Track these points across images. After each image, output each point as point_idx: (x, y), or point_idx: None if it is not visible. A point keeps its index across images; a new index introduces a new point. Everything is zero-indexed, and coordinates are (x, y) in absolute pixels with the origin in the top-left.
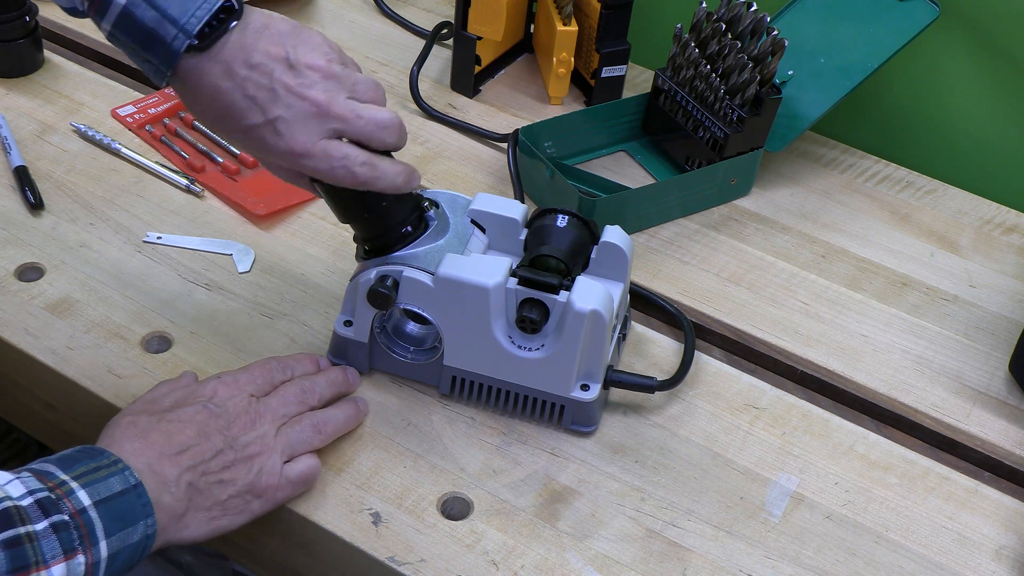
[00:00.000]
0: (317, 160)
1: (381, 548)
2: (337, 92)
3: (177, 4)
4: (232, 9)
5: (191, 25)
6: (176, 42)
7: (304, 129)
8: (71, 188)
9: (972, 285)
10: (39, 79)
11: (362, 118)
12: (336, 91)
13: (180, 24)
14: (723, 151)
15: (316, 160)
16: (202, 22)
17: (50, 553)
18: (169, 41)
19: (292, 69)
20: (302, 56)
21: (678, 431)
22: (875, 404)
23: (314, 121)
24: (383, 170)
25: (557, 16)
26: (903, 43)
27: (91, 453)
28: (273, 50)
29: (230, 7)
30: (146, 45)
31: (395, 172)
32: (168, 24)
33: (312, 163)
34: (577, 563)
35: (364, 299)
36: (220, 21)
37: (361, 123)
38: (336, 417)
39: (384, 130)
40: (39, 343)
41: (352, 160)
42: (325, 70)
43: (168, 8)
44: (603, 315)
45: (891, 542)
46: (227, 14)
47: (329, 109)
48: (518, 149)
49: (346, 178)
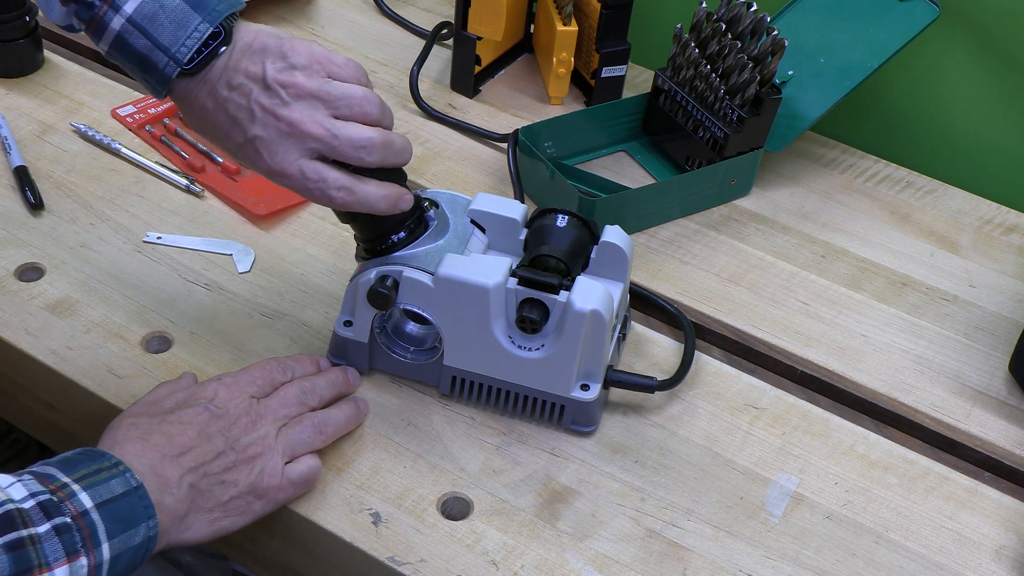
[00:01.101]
0: (295, 181)
1: (381, 548)
2: (314, 110)
3: (168, 33)
4: (219, 34)
5: (181, 54)
6: (168, 69)
7: (282, 148)
8: (71, 188)
9: (972, 285)
10: (39, 79)
11: (337, 138)
12: (313, 109)
13: (171, 53)
14: (723, 151)
15: (294, 180)
16: (191, 51)
17: (53, 555)
18: (161, 68)
19: (268, 89)
20: (278, 74)
21: (678, 431)
22: (875, 404)
23: (288, 141)
24: (363, 194)
25: (557, 16)
26: (903, 43)
27: (92, 455)
28: (252, 69)
29: (217, 33)
30: (142, 67)
31: (377, 196)
32: (159, 52)
33: (290, 183)
34: (577, 563)
35: (364, 299)
36: (208, 47)
37: (336, 143)
38: (336, 417)
39: (361, 150)
40: (39, 343)
41: (328, 184)
42: (301, 88)
43: (159, 38)
44: (603, 315)
45: (891, 542)
46: (215, 39)
47: (301, 128)
48: (518, 149)
49: (323, 200)
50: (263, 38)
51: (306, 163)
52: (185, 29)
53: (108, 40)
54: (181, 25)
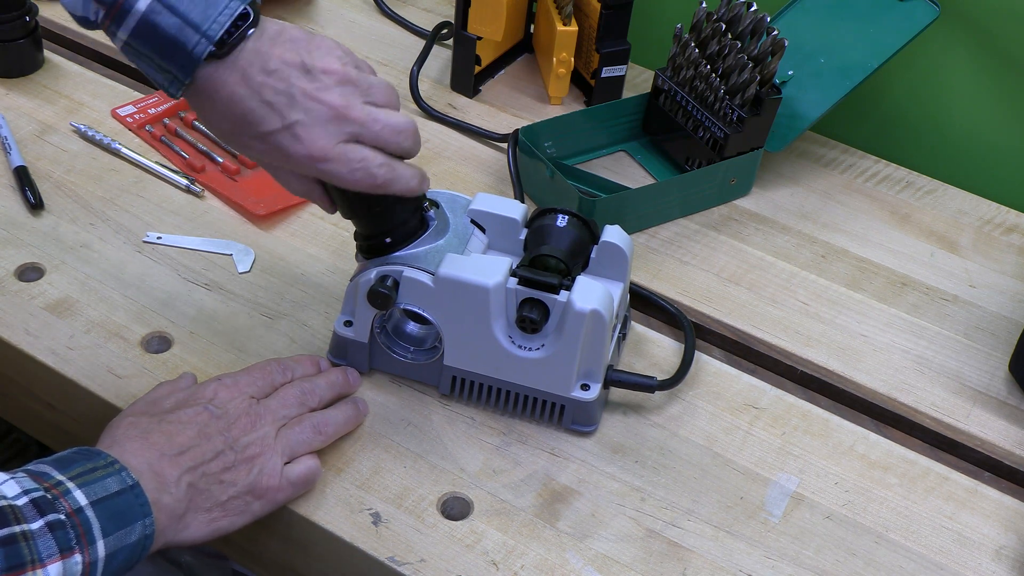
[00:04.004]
0: (336, 163)
1: (381, 548)
2: (353, 96)
3: (199, 11)
4: (249, 16)
5: (213, 31)
6: (198, 48)
7: (323, 133)
8: (71, 188)
9: (972, 285)
10: (39, 79)
11: (379, 122)
12: (352, 95)
13: (202, 30)
14: (723, 151)
15: (335, 163)
16: (223, 28)
17: (46, 552)
18: (191, 48)
19: (308, 74)
20: (317, 61)
21: (678, 431)
22: (875, 404)
23: (332, 125)
24: (400, 173)
25: (557, 16)
26: (903, 43)
27: (88, 454)
28: (289, 56)
29: (246, 14)
30: (165, 53)
31: (410, 175)
32: (190, 30)
33: (331, 167)
34: (577, 563)
35: (364, 299)
36: (237, 28)
37: (378, 127)
38: (336, 418)
39: (400, 134)
40: (39, 343)
41: (371, 163)
42: (341, 74)
43: (190, 14)
44: (603, 315)
45: (891, 542)
46: (244, 21)
47: (347, 113)
48: (518, 149)
49: (364, 180)
50: (291, 30)
51: (347, 146)
52: (216, 7)
53: (130, 26)
54: (212, 3)
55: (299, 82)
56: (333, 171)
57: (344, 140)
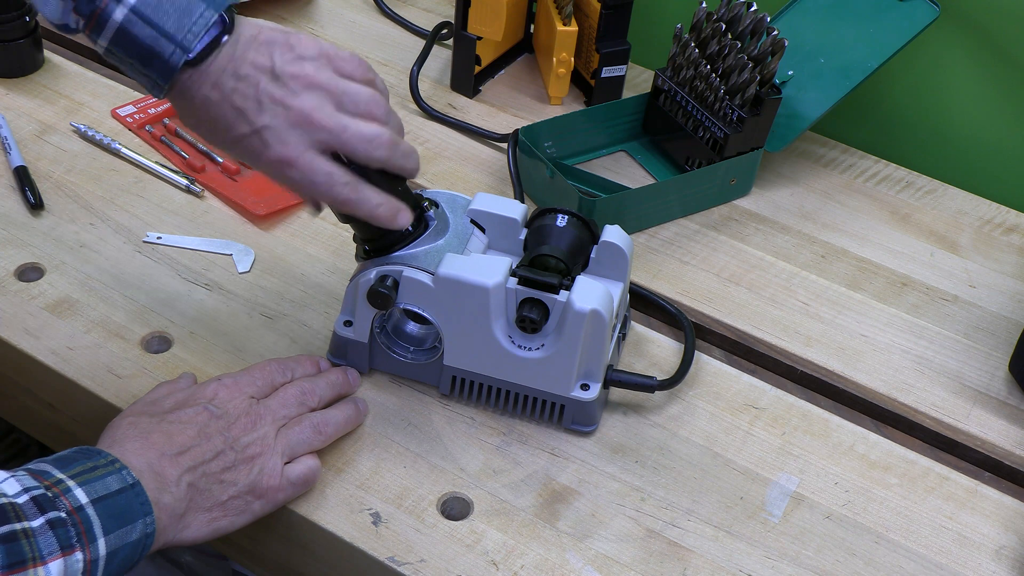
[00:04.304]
0: (301, 171)
1: (381, 548)
2: (323, 102)
3: (173, 21)
4: (224, 23)
5: (188, 41)
6: (174, 57)
7: (289, 138)
8: (71, 188)
9: (972, 285)
10: (39, 79)
11: (348, 130)
12: (322, 100)
13: (177, 40)
14: (723, 151)
15: (299, 171)
16: (198, 38)
17: (47, 549)
18: (167, 57)
19: (277, 80)
20: (287, 66)
21: (678, 431)
22: (875, 404)
23: (298, 131)
24: (365, 196)
25: (557, 16)
26: (903, 43)
27: (88, 453)
28: (260, 60)
29: (220, 21)
30: (144, 61)
31: (376, 202)
32: (165, 40)
33: (296, 174)
34: (577, 563)
35: (364, 299)
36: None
37: (347, 135)
38: (336, 418)
39: (370, 143)
40: (39, 343)
41: (335, 178)
42: (310, 79)
43: (164, 24)
44: (603, 315)
45: (891, 542)
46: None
47: (312, 118)
48: (518, 149)
49: (326, 195)
50: (268, 32)
51: (314, 155)
52: (190, 16)
53: (109, 35)
54: (186, 12)
55: (268, 87)
56: (297, 178)
57: (313, 147)
